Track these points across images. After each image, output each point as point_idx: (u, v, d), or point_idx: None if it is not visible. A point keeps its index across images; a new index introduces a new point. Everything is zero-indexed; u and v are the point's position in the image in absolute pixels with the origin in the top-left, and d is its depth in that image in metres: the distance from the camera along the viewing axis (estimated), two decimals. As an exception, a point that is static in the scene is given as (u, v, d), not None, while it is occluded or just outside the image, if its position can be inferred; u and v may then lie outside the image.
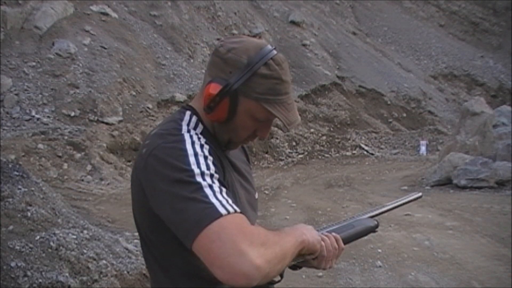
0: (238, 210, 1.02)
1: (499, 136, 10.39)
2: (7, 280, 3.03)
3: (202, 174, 1.05)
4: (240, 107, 1.16)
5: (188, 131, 1.15)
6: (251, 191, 1.32)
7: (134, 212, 1.21)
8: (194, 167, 1.05)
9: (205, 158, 1.08)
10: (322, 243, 1.20)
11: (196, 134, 1.15)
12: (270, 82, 1.15)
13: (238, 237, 0.96)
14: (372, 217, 1.41)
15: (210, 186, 1.03)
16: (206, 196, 1.01)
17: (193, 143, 1.10)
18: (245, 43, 1.19)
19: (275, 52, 1.18)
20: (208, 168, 1.06)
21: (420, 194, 1.58)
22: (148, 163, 1.09)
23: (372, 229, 1.39)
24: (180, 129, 1.15)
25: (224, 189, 1.05)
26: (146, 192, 1.10)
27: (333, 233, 1.27)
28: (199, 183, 1.03)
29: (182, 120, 1.19)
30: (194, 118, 1.20)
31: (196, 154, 1.07)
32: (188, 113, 1.21)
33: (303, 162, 14.63)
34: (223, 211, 0.99)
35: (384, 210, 1.47)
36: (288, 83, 1.18)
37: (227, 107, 1.16)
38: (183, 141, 1.10)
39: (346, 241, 1.29)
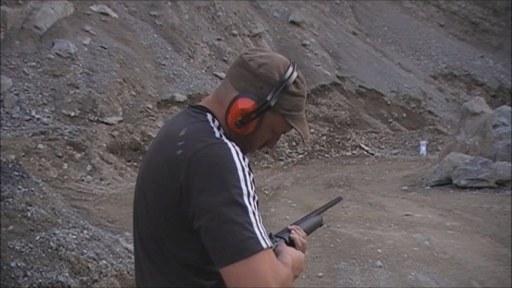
0: (270, 244, 1.06)
1: (499, 136, 10.39)
2: (7, 280, 3.03)
3: (249, 195, 1.07)
4: (265, 121, 1.20)
5: (221, 136, 1.15)
6: None
7: (142, 211, 1.20)
8: (243, 185, 1.07)
9: (249, 174, 1.10)
10: (302, 253, 1.30)
11: (231, 142, 1.15)
12: (296, 99, 1.22)
13: (270, 275, 1.02)
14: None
15: (254, 213, 1.06)
16: (251, 224, 1.04)
17: (237, 153, 1.11)
18: (274, 58, 1.22)
19: (297, 70, 1.23)
20: (252, 187, 1.09)
21: (340, 196, 1.79)
22: (192, 167, 1.08)
23: (320, 223, 1.57)
24: (214, 132, 1.15)
25: (260, 217, 1.09)
26: (185, 195, 1.09)
27: (294, 226, 1.41)
28: (246, 207, 1.05)
29: (208, 121, 1.19)
30: (216, 122, 1.20)
31: (243, 169, 1.09)
32: (209, 115, 1.21)
33: (303, 162, 14.63)
34: (264, 245, 1.03)
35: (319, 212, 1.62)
36: (305, 98, 1.27)
37: (256, 122, 1.19)
38: (229, 149, 1.10)
39: (308, 232, 1.46)
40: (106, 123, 11.66)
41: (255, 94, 1.17)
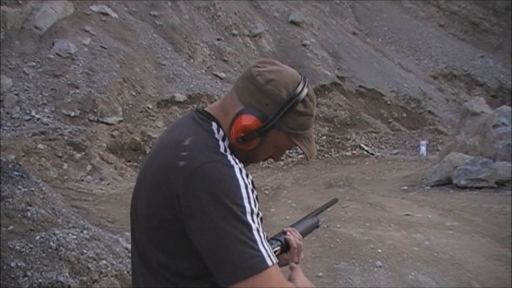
0: (276, 261, 1.06)
1: (499, 136, 10.39)
2: (7, 280, 3.03)
3: (252, 213, 1.06)
4: (269, 137, 1.18)
5: (226, 151, 1.13)
6: None
7: (138, 217, 1.20)
8: (246, 202, 1.06)
9: (252, 191, 1.09)
10: (294, 245, 1.33)
11: (232, 153, 1.14)
12: (303, 118, 1.18)
13: None
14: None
15: (258, 231, 1.05)
16: (255, 242, 1.04)
17: (240, 170, 1.09)
18: (283, 74, 1.17)
19: (308, 87, 1.19)
20: (255, 205, 1.08)
21: (336, 198, 1.78)
22: (193, 182, 1.06)
23: (316, 224, 1.58)
24: (219, 146, 1.13)
25: (264, 234, 1.08)
26: (184, 208, 1.08)
27: (289, 228, 1.41)
28: (250, 225, 1.04)
29: (213, 132, 1.17)
30: (221, 133, 1.17)
31: (246, 187, 1.08)
32: (214, 125, 1.18)
33: (303, 162, 14.62)
34: (269, 262, 1.03)
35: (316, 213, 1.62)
36: (314, 117, 1.23)
37: (258, 140, 1.17)
38: (232, 166, 1.09)
39: (304, 234, 1.47)
40: (106, 123, 11.66)
41: (260, 111, 1.14)
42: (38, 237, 3.47)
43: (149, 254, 1.17)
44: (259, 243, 1.04)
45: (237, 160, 1.12)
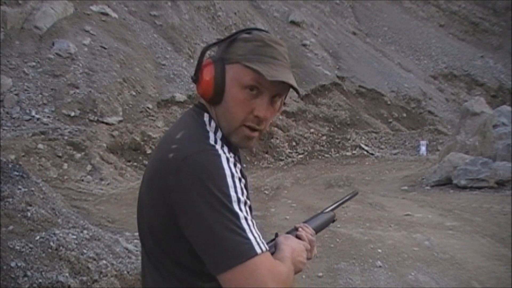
0: (267, 248, 1.06)
1: (499, 136, 10.39)
2: (7, 280, 3.03)
3: (239, 201, 1.05)
4: (227, 76, 1.16)
5: (215, 141, 1.14)
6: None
7: (142, 211, 1.20)
8: (232, 191, 1.05)
9: (240, 180, 1.08)
10: (305, 242, 1.29)
11: (223, 147, 1.13)
12: (251, 44, 1.16)
13: (269, 279, 1.02)
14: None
15: (246, 219, 1.05)
16: (244, 230, 1.03)
17: (228, 159, 1.09)
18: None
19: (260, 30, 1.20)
20: (243, 193, 1.07)
21: (356, 191, 1.77)
22: (182, 172, 1.07)
23: (332, 219, 1.57)
24: (208, 137, 1.14)
25: (254, 222, 1.07)
26: (174, 200, 1.08)
27: (302, 223, 1.39)
28: (237, 213, 1.04)
29: (205, 124, 1.18)
30: (213, 123, 1.19)
31: (233, 175, 1.07)
32: (206, 116, 1.20)
33: (303, 162, 14.63)
34: (258, 250, 1.02)
35: (333, 208, 1.61)
36: (276, 50, 1.16)
37: (211, 74, 1.16)
38: (219, 156, 1.09)
39: (318, 229, 1.46)
40: (106, 123, 11.66)
41: (212, 57, 1.19)
42: (38, 237, 3.47)
43: (153, 251, 1.18)
44: (247, 231, 1.03)
45: (225, 150, 1.12)
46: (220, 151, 1.10)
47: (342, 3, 27.96)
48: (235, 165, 1.10)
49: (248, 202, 1.09)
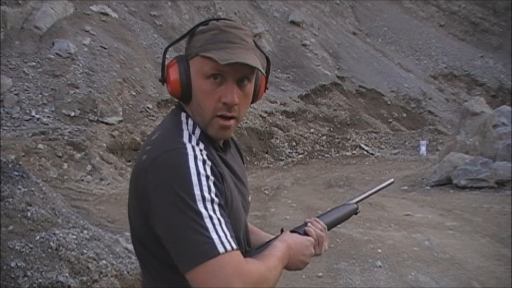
0: (235, 246, 1.03)
1: (499, 136, 10.39)
2: (7, 280, 3.03)
3: (204, 199, 1.03)
4: (191, 71, 1.17)
5: (190, 139, 1.13)
6: (246, 195, 1.32)
7: (129, 214, 1.21)
8: (196, 189, 1.04)
9: (207, 178, 1.06)
10: (312, 238, 1.28)
11: (198, 144, 1.13)
12: (208, 34, 1.16)
13: (235, 278, 0.99)
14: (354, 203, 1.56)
15: (211, 218, 1.03)
16: (207, 230, 1.01)
17: (195, 157, 1.08)
18: None
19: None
20: (209, 191, 1.05)
21: (392, 180, 1.72)
22: (149, 173, 1.07)
23: (353, 211, 1.53)
24: (182, 136, 1.13)
25: (223, 220, 1.04)
26: (145, 202, 1.09)
27: (313, 218, 1.38)
28: (199, 212, 1.02)
29: (181, 123, 1.18)
30: (190, 121, 1.19)
31: (199, 173, 1.06)
32: (183, 115, 1.20)
33: (303, 162, 14.63)
34: (221, 249, 1.00)
35: (363, 197, 1.58)
36: (231, 34, 1.15)
37: (176, 73, 1.17)
38: (186, 155, 1.08)
39: (334, 223, 1.45)
40: (106, 123, 11.65)
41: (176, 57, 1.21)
42: (38, 237, 3.47)
43: (141, 253, 1.19)
44: (210, 230, 1.01)
45: (201, 147, 1.12)
46: (189, 149, 1.09)
47: (342, 3, 27.96)
48: (204, 163, 1.08)
49: (217, 200, 1.06)
